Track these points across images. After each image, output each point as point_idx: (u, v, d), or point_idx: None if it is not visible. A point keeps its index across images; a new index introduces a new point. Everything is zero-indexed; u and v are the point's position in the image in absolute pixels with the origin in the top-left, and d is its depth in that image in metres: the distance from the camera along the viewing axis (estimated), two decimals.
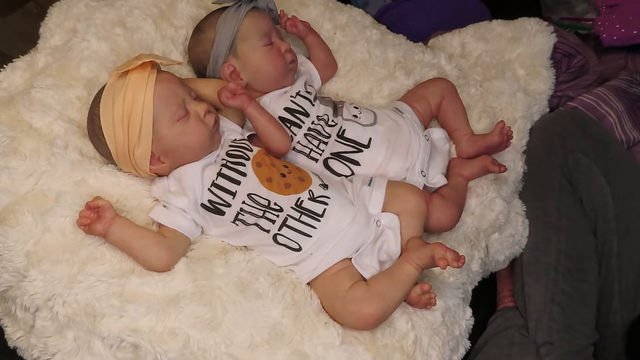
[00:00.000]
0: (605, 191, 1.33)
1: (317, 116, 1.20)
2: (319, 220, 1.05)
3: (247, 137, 1.16)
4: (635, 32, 1.65)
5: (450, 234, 1.20)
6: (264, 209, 1.05)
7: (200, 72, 1.24)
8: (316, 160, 1.18)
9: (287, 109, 1.19)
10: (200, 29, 1.22)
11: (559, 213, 1.32)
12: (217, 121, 1.09)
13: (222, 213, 1.04)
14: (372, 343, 1.02)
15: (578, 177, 1.34)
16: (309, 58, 1.32)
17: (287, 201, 1.05)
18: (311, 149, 1.18)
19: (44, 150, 1.06)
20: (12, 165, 1.04)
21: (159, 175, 1.08)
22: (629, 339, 1.29)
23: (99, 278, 0.97)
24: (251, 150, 1.10)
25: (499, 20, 1.54)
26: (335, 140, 1.18)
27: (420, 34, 1.61)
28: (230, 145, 1.10)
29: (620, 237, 1.31)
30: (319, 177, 1.11)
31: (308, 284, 1.06)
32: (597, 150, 1.35)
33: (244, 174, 1.06)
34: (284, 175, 1.08)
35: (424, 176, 1.19)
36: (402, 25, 1.70)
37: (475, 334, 1.21)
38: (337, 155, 1.18)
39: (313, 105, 1.21)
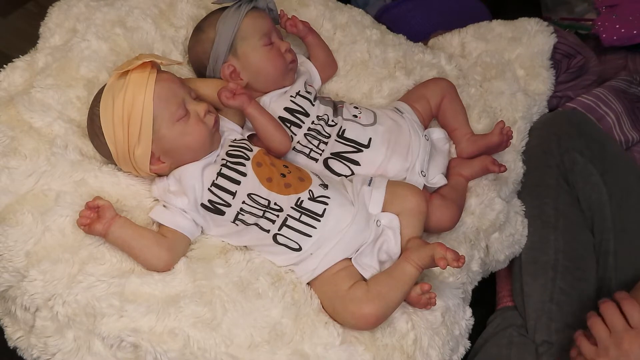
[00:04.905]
0: (602, 190, 1.33)
1: (317, 116, 1.20)
2: (319, 220, 1.05)
3: (247, 137, 1.16)
4: (635, 32, 1.65)
5: (450, 234, 1.20)
6: (264, 208, 1.05)
7: (200, 72, 1.24)
8: (316, 160, 1.18)
9: (287, 109, 1.19)
10: (200, 29, 1.22)
11: (557, 212, 1.32)
12: (217, 121, 1.09)
13: (222, 213, 1.04)
14: (372, 343, 1.02)
15: (574, 176, 1.34)
16: (309, 58, 1.32)
17: (287, 201, 1.06)
18: (311, 149, 1.18)
19: (44, 150, 1.06)
20: (12, 165, 1.04)
21: (159, 175, 1.09)
22: None
23: (99, 278, 0.97)
24: (251, 150, 1.10)
25: (499, 20, 1.54)
26: (335, 140, 1.18)
27: (420, 34, 1.61)
28: (230, 145, 1.10)
29: (617, 236, 1.31)
30: (319, 177, 1.12)
31: (308, 283, 1.06)
32: (593, 150, 1.36)
33: (244, 174, 1.06)
34: (284, 175, 1.08)
35: (424, 176, 1.20)
36: (402, 25, 1.70)
37: (475, 334, 1.22)
38: (337, 155, 1.18)
39: (313, 105, 1.21)
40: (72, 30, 1.22)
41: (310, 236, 1.04)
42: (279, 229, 1.05)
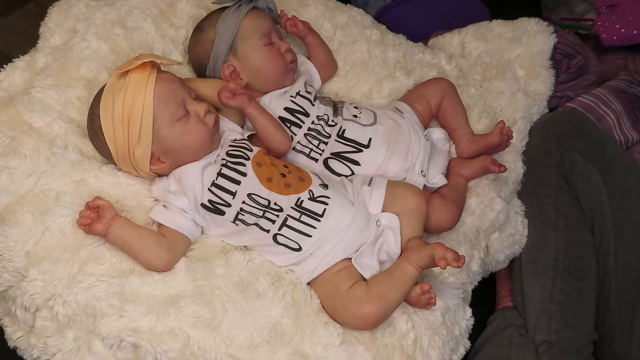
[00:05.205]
0: (601, 190, 1.33)
1: (317, 116, 1.20)
2: (319, 220, 1.05)
3: (247, 137, 1.16)
4: (635, 32, 1.65)
5: (450, 234, 1.20)
6: (264, 208, 1.05)
7: (200, 72, 1.24)
8: (316, 160, 1.18)
9: (287, 109, 1.19)
10: (200, 29, 1.22)
11: (557, 212, 1.32)
12: (217, 121, 1.09)
13: (222, 213, 1.04)
14: (372, 343, 1.02)
15: (574, 176, 1.34)
16: (309, 58, 1.32)
17: (287, 201, 1.05)
18: (311, 149, 1.18)
19: (44, 150, 1.06)
20: (12, 165, 1.04)
21: (159, 175, 1.09)
22: None
23: (99, 278, 0.97)
24: (251, 150, 1.10)
25: (499, 20, 1.54)
26: (335, 140, 1.18)
27: (420, 34, 1.61)
28: (230, 145, 1.10)
29: (617, 236, 1.31)
30: (319, 177, 1.12)
31: (308, 283, 1.06)
32: (593, 149, 1.36)
33: (244, 174, 1.06)
34: (284, 175, 1.08)
35: (424, 176, 1.20)
36: (402, 25, 1.70)
37: (475, 334, 1.22)
38: (337, 155, 1.18)
39: (313, 105, 1.21)
40: (72, 30, 1.22)
41: (310, 236, 1.04)
42: (279, 229, 1.05)
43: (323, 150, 1.18)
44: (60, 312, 0.95)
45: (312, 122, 1.19)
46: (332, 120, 1.20)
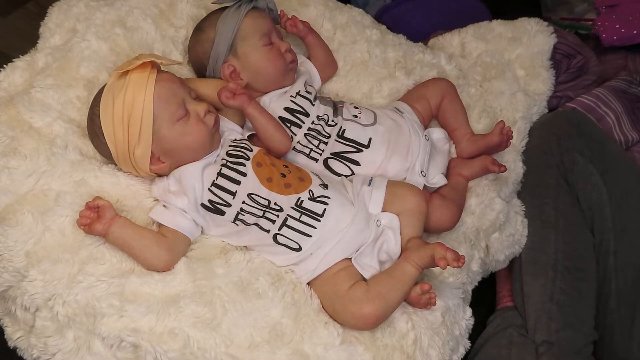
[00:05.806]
0: (601, 190, 1.33)
1: (317, 116, 1.20)
2: (319, 220, 1.05)
3: (247, 137, 1.16)
4: (635, 32, 1.65)
5: (450, 234, 1.20)
6: (264, 208, 1.05)
7: (200, 72, 1.24)
8: (316, 160, 1.18)
9: (287, 109, 1.19)
10: (200, 29, 1.22)
11: (557, 212, 1.32)
12: (217, 121, 1.09)
13: (222, 213, 1.04)
14: (372, 343, 1.02)
15: (574, 176, 1.34)
16: (309, 58, 1.32)
17: (287, 201, 1.06)
18: (311, 149, 1.18)
19: (44, 150, 1.06)
20: (12, 165, 1.04)
21: (159, 175, 1.09)
22: None
23: (99, 278, 0.97)
24: (251, 150, 1.10)
25: (499, 20, 1.54)
26: (335, 140, 1.18)
27: (420, 34, 1.61)
28: (230, 145, 1.10)
29: (617, 236, 1.31)
30: (319, 177, 1.12)
31: (308, 283, 1.06)
32: (593, 149, 1.36)
33: (244, 174, 1.06)
34: (284, 175, 1.08)
35: (424, 176, 1.20)
36: (402, 25, 1.70)
37: (475, 334, 1.22)
38: (337, 155, 1.18)
39: (313, 105, 1.21)
40: (72, 30, 1.22)
41: (310, 236, 1.04)
42: (279, 229, 1.05)
43: (323, 150, 1.18)
44: (60, 312, 0.95)
45: (312, 122, 1.19)
46: (332, 120, 1.20)
